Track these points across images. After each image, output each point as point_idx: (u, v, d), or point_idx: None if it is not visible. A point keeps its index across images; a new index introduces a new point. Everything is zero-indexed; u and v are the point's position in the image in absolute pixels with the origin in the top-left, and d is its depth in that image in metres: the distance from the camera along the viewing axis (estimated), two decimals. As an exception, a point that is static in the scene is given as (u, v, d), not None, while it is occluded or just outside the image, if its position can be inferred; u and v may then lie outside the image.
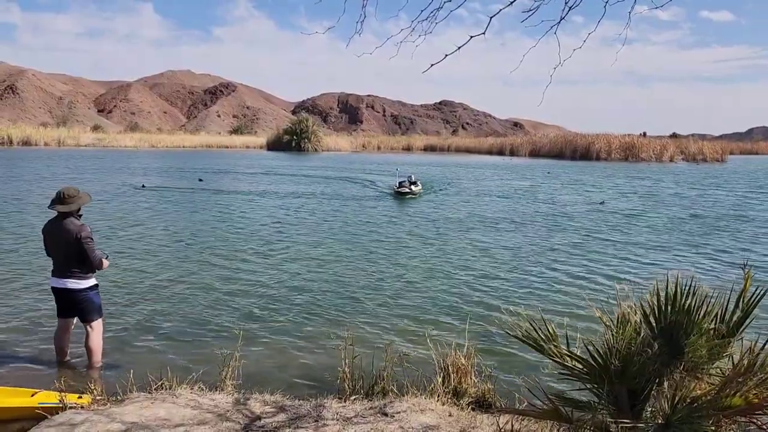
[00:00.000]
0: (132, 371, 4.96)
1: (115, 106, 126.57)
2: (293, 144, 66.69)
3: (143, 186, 23.52)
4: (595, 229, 14.87)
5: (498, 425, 3.99)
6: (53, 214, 5.70)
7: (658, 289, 3.17)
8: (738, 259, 11.35)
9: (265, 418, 4.26)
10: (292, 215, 16.65)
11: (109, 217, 15.24)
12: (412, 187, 22.71)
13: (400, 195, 22.10)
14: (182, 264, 10.20)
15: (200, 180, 27.26)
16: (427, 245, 12.41)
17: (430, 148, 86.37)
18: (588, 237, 13.73)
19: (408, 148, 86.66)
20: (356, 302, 8.11)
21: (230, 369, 4.93)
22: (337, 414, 4.33)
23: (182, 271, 9.70)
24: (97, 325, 5.77)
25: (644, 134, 71.56)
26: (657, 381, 3.14)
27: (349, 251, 11.67)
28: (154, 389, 4.73)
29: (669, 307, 3.13)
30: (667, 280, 3.16)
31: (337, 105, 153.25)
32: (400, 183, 22.92)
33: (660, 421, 3.01)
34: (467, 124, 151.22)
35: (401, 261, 10.80)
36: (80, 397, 4.61)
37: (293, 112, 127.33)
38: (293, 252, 11.47)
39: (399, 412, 4.33)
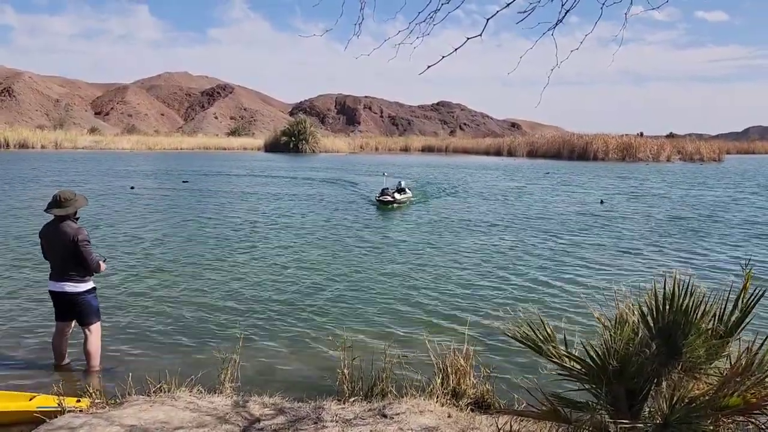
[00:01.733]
0: (130, 374, 4.95)
1: (112, 108, 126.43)
2: (291, 145, 66.73)
3: (132, 188, 23.55)
4: (592, 230, 14.90)
5: (497, 426, 3.99)
6: (50, 217, 5.70)
7: (656, 289, 3.17)
8: (735, 260, 11.38)
9: (264, 420, 4.26)
10: (286, 218, 16.65)
11: (99, 218, 15.23)
12: (396, 195, 19.64)
13: (382, 204, 19.03)
14: (178, 266, 10.19)
15: (185, 182, 27.37)
16: (424, 248, 12.41)
17: (428, 149, 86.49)
18: (585, 238, 13.76)
19: (406, 149, 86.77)
20: (354, 304, 8.11)
21: (229, 372, 4.93)
22: (337, 416, 4.33)
23: (178, 273, 9.69)
24: (96, 328, 5.76)
25: (641, 134, 71.74)
26: (655, 381, 3.15)
27: (346, 254, 11.67)
28: (153, 392, 4.73)
29: (667, 307, 3.14)
30: (665, 280, 3.16)
31: (335, 106, 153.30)
32: (382, 191, 19.78)
33: (658, 421, 3.01)
34: (465, 124, 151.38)
35: (398, 264, 10.81)
36: (79, 401, 4.61)
37: (291, 114, 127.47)
38: (290, 255, 11.46)
39: (398, 414, 4.33)
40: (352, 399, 4.69)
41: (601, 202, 21.10)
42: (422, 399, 4.63)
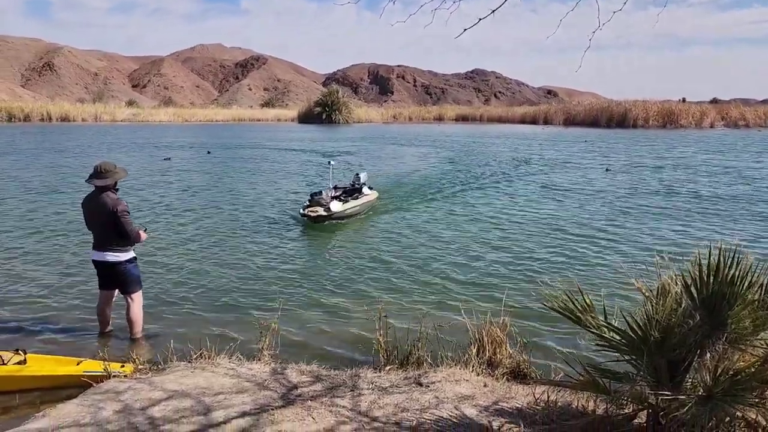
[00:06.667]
0: (172, 341, 5.09)
1: (148, 81, 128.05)
2: (324, 116, 66.62)
3: (169, 158, 23.99)
4: (633, 199, 14.56)
5: (534, 396, 3.98)
6: (92, 187, 5.82)
7: (700, 260, 3.08)
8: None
9: (302, 387, 4.32)
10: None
11: (137, 188, 15.54)
12: (334, 204, 11.59)
13: (309, 221, 11.31)
14: (217, 237, 10.35)
15: (209, 152, 28.08)
16: (462, 218, 12.34)
17: (462, 118, 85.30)
18: (626, 207, 13.46)
19: (440, 119, 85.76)
20: (391, 274, 8.14)
21: (267, 340, 5.00)
22: (373, 384, 4.37)
23: (218, 244, 9.85)
24: (137, 297, 5.92)
25: (683, 100, 69.56)
26: (698, 352, 3.08)
27: (381, 224, 11.67)
28: (194, 359, 4.84)
29: (711, 278, 3.05)
30: (710, 250, 3.07)
31: (368, 76, 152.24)
32: (312, 196, 11.97)
33: (701, 393, 2.95)
34: (500, 93, 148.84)
35: (436, 233, 10.77)
36: (123, 366, 4.76)
37: (324, 84, 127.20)
38: (326, 228, 11.50)
39: (434, 383, 4.35)
40: (388, 368, 4.73)
41: (607, 169, 20.73)
42: (458, 368, 4.63)
